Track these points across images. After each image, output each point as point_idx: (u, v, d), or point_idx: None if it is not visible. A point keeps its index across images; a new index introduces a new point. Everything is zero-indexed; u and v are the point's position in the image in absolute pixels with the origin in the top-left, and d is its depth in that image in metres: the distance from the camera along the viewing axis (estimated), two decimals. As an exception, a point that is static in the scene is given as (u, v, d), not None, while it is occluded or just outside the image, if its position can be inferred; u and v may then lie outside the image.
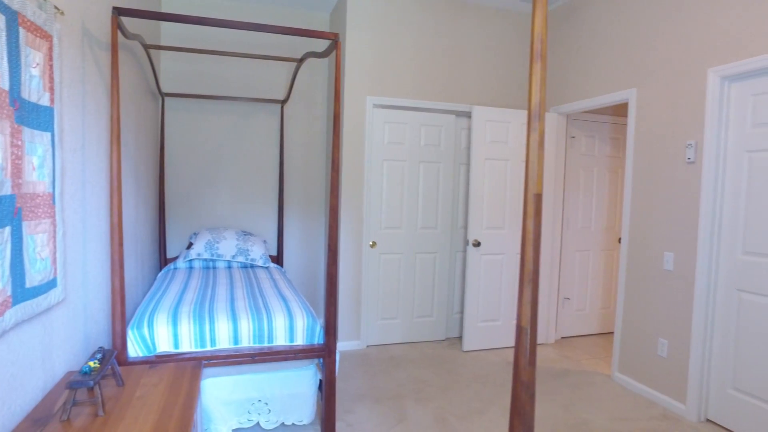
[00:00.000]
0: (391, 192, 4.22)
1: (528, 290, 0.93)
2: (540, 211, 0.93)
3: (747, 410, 2.80)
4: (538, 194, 0.92)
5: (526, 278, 0.93)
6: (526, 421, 0.97)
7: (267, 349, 2.56)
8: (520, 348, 0.95)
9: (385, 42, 4.12)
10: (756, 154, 2.78)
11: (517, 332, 0.95)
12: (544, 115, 0.92)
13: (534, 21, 0.93)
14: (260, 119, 4.54)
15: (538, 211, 0.93)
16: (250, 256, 4.05)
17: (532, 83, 0.93)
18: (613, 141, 4.68)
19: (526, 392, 0.95)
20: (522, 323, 0.94)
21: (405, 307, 4.32)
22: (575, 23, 4.11)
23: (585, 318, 4.69)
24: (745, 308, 2.82)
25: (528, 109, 0.92)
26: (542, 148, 0.92)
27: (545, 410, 3.10)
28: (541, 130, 0.92)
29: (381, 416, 2.95)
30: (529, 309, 0.93)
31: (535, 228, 0.92)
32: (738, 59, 2.80)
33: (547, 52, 4.51)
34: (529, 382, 0.96)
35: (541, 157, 0.92)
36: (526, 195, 0.93)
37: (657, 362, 3.29)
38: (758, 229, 2.77)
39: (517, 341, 0.96)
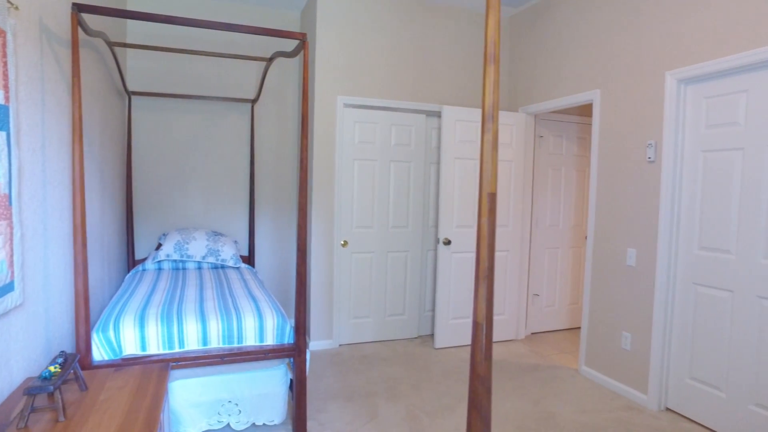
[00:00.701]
0: (362, 191, 4.24)
1: (483, 287, 0.96)
2: (494, 210, 0.96)
3: (702, 398, 2.92)
4: (492, 193, 0.95)
5: (481, 275, 0.96)
6: (483, 414, 1.00)
7: (237, 349, 2.54)
8: (476, 343, 0.98)
9: (355, 42, 4.13)
10: (710, 154, 2.90)
11: (473, 328, 0.98)
12: (498, 116, 0.95)
13: (487, 25, 0.96)
14: (231, 119, 4.50)
15: (492, 209, 0.96)
16: (220, 256, 4.01)
17: (485, 85, 0.96)
18: (580, 140, 4.79)
19: (482, 386, 0.98)
20: (477, 319, 0.97)
21: (377, 306, 4.34)
22: (542, 25, 4.20)
23: (554, 314, 4.79)
24: (701, 301, 2.94)
25: (482, 111, 0.95)
26: (496, 148, 0.95)
27: (514, 405, 3.16)
28: (495, 131, 0.95)
29: (352, 414, 2.96)
30: (484, 305, 0.96)
31: (489, 226, 0.95)
32: (693, 63, 2.91)
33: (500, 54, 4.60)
34: (485, 376, 0.99)
35: (494, 158, 0.96)
36: (481, 194, 0.96)
37: (621, 355, 3.40)
38: (712, 226, 2.88)
39: (474, 337, 0.99)
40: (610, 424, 2.93)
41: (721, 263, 2.84)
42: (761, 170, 2.64)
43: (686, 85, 3.02)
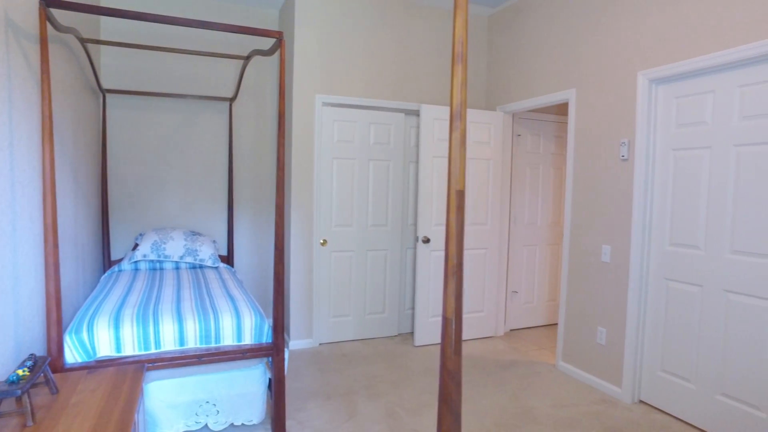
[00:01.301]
0: (341, 190, 4.24)
1: (452, 282, 0.97)
2: (462, 207, 0.98)
3: (673, 389, 3.00)
4: (460, 191, 0.97)
5: (450, 271, 0.97)
6: (453, 408, 1.01)
7: (214, 349, 2.53)
8: (446, 338, 1.00)
9: (334, 40, 4.13)
10: (680, 153, 2.98)
11: (443, 323, 1.00)
12: (466, 115, 0.96)
13: (455, 25, 0.97)
14: (208, 117, 4.45)
15: (460, 206, 0.97)
16: (198, 256, 3.97)
17: (453, 84, 0.98)
18: (558, 139, 4.86)
19: (452, 380, 1.00)
20: (447, 314, 0.99)
21: (357, 305, 4.35)
22: (520, 25, 4.25)
23: (533, 310, 4.86)
24: (672, 296, 3.02)
25: (450, 109, 0.96)
26: (464, 146, 0.97)
27: (493, 400, 3.20)
28: (463, 129, 0.97)
29: (332, 413, 2.97)
30: (453, 301, 0.98)
31: (458, 223, 0.97)
32: (663, 64, 2.98)
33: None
34: (455, 370, 1.00)
35: (462, 155, 0.97)
36: (449, 191, 0.97)
37: (596, 350, 3.47)
38: (682, 222, 2.96)
39: (443, 332, 1.00)
40: (585, 417, 2.99)
41: (690, 259, 2.91)
42: (726, 168, 2.71)
43: (657, 85, 3.09)
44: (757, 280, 2.57)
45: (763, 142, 2.55)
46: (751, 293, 2.60)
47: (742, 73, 2.64)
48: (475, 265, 4.39)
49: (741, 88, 2.64)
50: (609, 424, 2.91)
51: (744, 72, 2.62)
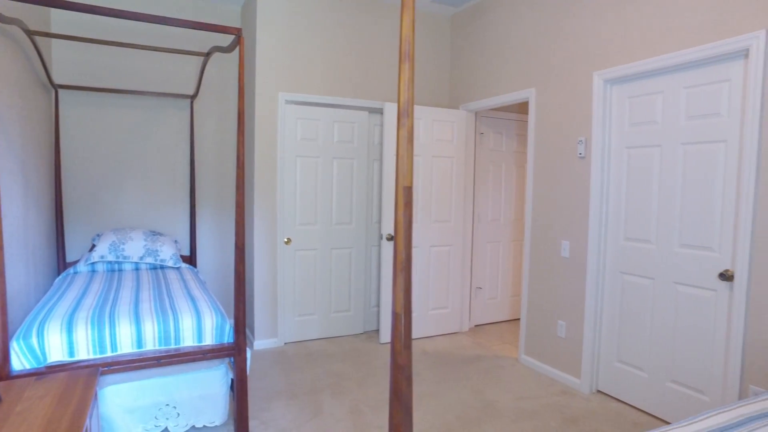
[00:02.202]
0: (305, 188, 4.22)
1: (401, 278, 0.99)
2: (410, 203, 0.99)
3: (628, 378, 3.11)
4: (408, 187, 0.98)
5: (399, 267, 0.98)
6: (404, 403, 1.02)
7: (174, 351, 2.48)
8: (395, 333, 1.01)
9: (297, 37, 4.09)
10: (633, 150, 3.08)
11: (392, 318, 1.01)
12: (413, 112, 0.98)
13: (402, 24, 0.98)
14: (169, 115, 4.35)
15: (408, 203, 0.98)
16: (159, 256, 3.88)
17: (400, 82, 0.99)
18: (520, 137, 4.96)
19: (402, 375, 1.01)
20: (396, 309, 1.00)
21: (322, 303, 4.34)
22: (482, 24, 4.31)
23: (497, 306, 4.95)
24: (627, 289, 3.13)
25: (397, 107, 0.97)
26: (411, 143, 0.98)
27: (456, 395, 3.25)
28: (410, 126, 0.98)
29: (296, 412, 2.95)
30: (402, 296, 0.99)
31: (405, 219, 0.98)
32: (617, 65, 3.08)
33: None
34: (405, 365, 1.01)
35: (410, 152, 0.98)
36: (397, 188, 0.98)
37: (557, 343, 3.56)
38: (636, 218, 3.07)
39: (393, 327, 1.01)
40: (545, 408, 3.07)
41: (643, 253, 3.03)
42: (675, 166, 2.83)
43: (612, 85, 3.19)
44: (701, 271, 2.70)
45: (706, 141, 2.67)
46: (696, 284, 2.73)
47: (687, 75, 2.75)
48: (439, 262, 4.44)
49: (687, 90, 2.76)
50: (568, 414, 3.00)
51: (689, 74, 2.74)
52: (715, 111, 2.63)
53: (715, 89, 2.63)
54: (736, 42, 2.46)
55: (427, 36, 4.65)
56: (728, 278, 2.56)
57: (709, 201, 2.67)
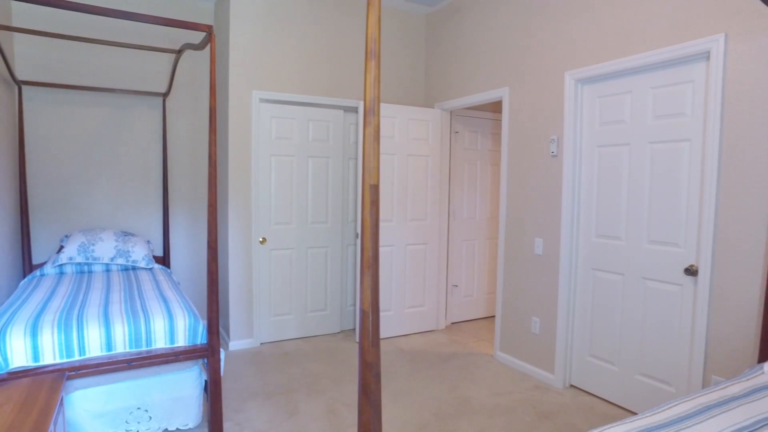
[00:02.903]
0: (280, 188, 4.19)
1: (368, 276, 0.99)
2: (377, 201, 0.99)
3: (599, 372, 3.18)
4: (375, 185, 0.98)
5: (366, 264, 0.99)
6: (373, 400, 1.03)
7: (145, 353, 2.44)
8: (363, 331, 1.01)
9: (271, 35, 4.06)
10: (603, 149, 3.15)
11: (360, 316, 1.01)
12: (379, 110, 0.98)
13: (368, 22, 0.98)
14: (140, 113, 4.26)
15: (375, 201, 0.99)
16: (131, 257, 3.80)
17: (366, 81, 0.99)
18: (494, 136, 5.01)
19: (370, 372, 1.02)
20: (364, 307, 1.00)
21: (298, 303, 4.32)
22: (456, 24, 4.34)
23: (473, 303, 4.99)
24: (599, 285, 3.19)
25: (364, 105, 0.97)
26: (377, 141, 0.99)
27: (433, 392, 3.27)
28: (376, 124, 0.98)
29: (272, 412, 2.93)
30: (370, 294, 0.99)
31: (372, 217, 0.99)
32: (588, 65, 3.14)
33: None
34: (373, 362, 1.02)
35: (376, 150, 0.99)
36: (364, 186, 0.99)
37: (531, 339, 3.61)
38: (606, 215, 3.14)
39: (361, 325, 1.01)
40: (519, 403, 3.11)
41: (614, 249, 3.09)
42: (643, 164, 2.90)
43: (583, 84, 3.25)
44: (668, 267, 2.77)
45: (671, 140, 2.74)
46: (663, 279, 2.80)
47: (653, 76, 2.82)
48: (415, 261, 4.45)
49: (653, 90, 2.83)
50: (541, 408, 3.05)
51: (655, 75, 2.81)
52: (680, 111, 2.70)
53: (679, 90, 2.70)
54: (698, 45, 2.54)
55: (402, 35, 4.66)
56: (693, 273, 2.63)
57: (675, 198, 2.74)
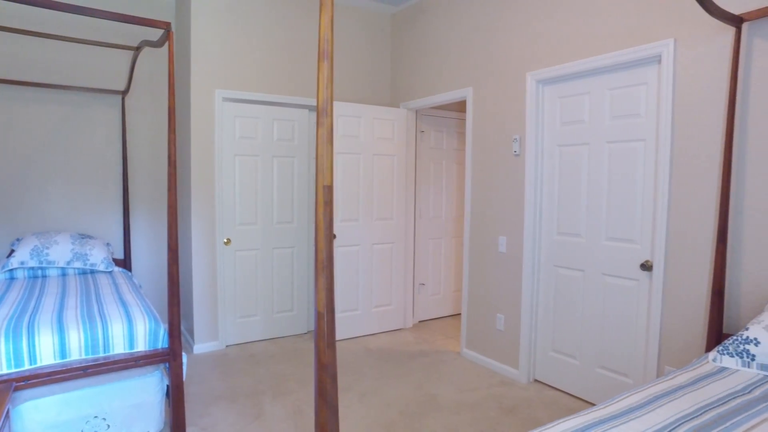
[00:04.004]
0: (245, 188, 4.13)
1: (323, 277, 0.99)
2: (331, 202, 0.99)
3: (562, 367, 3.26)
4: (328, 186, 0.98)
5: (320, 266, 0.98)
6: (329, 401, 1.03)
7: (103, 359, 2.37)
8: (319, 332, 1.01)
9: (234, 33, 3.99)
10: (564, 148, 3.23)
11: (315, 317, 1.01)
12: (332, 111, 0.98)
13: (321, 23, 0.98)
14: (99, 111, 4.12)
15: (328, 202, 0.99)
16: (89, 261, 3.68)
17: (319, 81, 0.99)
18: (460, 135, 5.07)
19: (326, 373, 1.01)
20: (319, 308, 1.00)
21: (264, 304, 4.27)
22: (422, 24, 4.37)
23: (440, 301, 5.04)
24: (560, 281, 3.27)
25: (317, 106, 0.97)
26: (331, 142, 0.98)
27: (399, 390, 3.29)
28: (329, 125, 0.98)
29: (237, 415, 2.89)
30: (324, 295, 0.99)
31: (326, 218, 0.98)
32: (549, 66, 3.21)
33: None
34: (329, 364, 1.02)
35: (330, 151, 0.98)
36: (317, 187, 0.98)
37: (496, 335, 3.67)
38: (567, 213, 3.21)
39: (316, 326, 1.01)
40: (485, 399, 3.16)
41: (574, 246, 3.17)
42: (601, 163, 2.99)
43: (544, 85, 3.32)
44: (625, 262, 2.86)
45: (627, 140, 2.84)
46: (621, 275, 2.89)
47: (610, 77, 2.91)
48: (381, 260, 4.47)
49: (610, 91, 2.92)
50: (506, 403, 3.10)
51: (612, 77, 2.90)
52: (635, 112, 2.79)
53: (634, 91, 2.79)
54: (649, 49, 2.63)
55: (368, 34, 4.66)
56: (648, 268, 2.73)
57: (632, 196, 2.83)
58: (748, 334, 1.82)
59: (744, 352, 1.78)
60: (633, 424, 1.35)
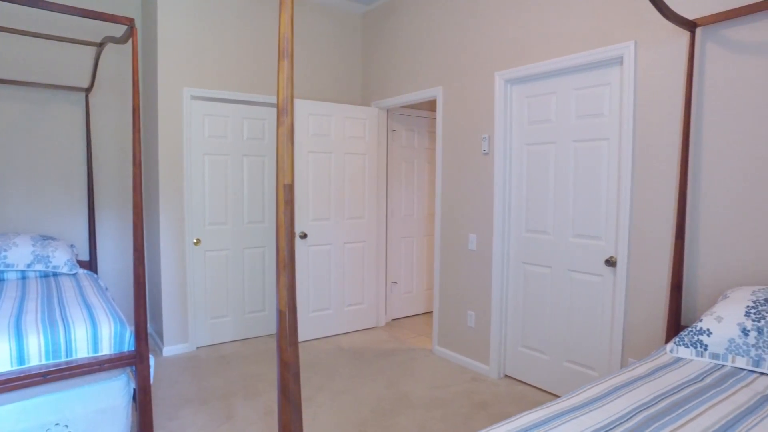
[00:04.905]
0: (215, 187, 4.08)
1: (284, 276, 0.99)
2: (292, 201, 0.99)
3: (531, 361, 3.32)
4: (289, 185, 0.98)
5: (282, 265, 0.99)
6: (292, 399, 1.03)
7: (64, 364, 2.30)
8: (281, 331, 1.01)
9: (203, 30, 3.93)
10: (532, 147, 3.29)
11: (277, 316, 1.01)
12: (293, 110, 0.98)
13: (281, 22, 0.98)
14: (62, 109, 4.00)
15: (289, 201, 0.99)
16: (51, 263, 3.57)
17: (279, 80, 0.99)
18: (431, 134, 5.11)
19: (289, 372, 1.02)
20: (281, 307, 1.00)
21: (235, 304, 4.22)
22: (393, 23, 4.39)
23: (412, 300, 5.07)
24: (529, 278, 3.34)
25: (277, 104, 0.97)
26: (291, 141, 0.98)
27: (371, 389, 3.30)
28: (289, 124, 0.98)
29: (207, 418, 2.85)
30: (286, 294, 0.99)
31: (287, 217, 0.98)
32: (517, 66, 3.27)
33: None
34: (292, 362, 1.02)
35: (290, 150, 0.98)
36: (278, 186, 0.98)
37: (467, 332, 3.72)
38: (535, 211, 3.28)
39: (279, 325, 1.01)
40: (456, 396, 3.20)
41: (542, 243, 3.24)
42: (568, 161, 3.06)
43: (512, 85, 3.37)
44: (591, 259, 2.94)
45: (592, 139, 2.91)
46: (587, 271, 2.97)
47: (576, 78, 2.98)
48: (353, 259, 4.47)
49: (576, 91, 2.99)
50: (476, 399, 3.15)
51: (577, 77, 2.97)
52: (599, 111, 2.87)
53: (598, 92, 2.87)
54: (612, 50, 2.70)
55: (339, 33, 4.65)
56: (612, 264, 2.80)
57: (596, 194, 2.91)
58: (702, 325, 1.89)
59: (698, 342, 1.86)
60: (594, 414, 1.39)
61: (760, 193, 2.19)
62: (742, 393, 1.53)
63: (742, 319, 1.80)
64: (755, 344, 1.73)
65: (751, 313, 1.80)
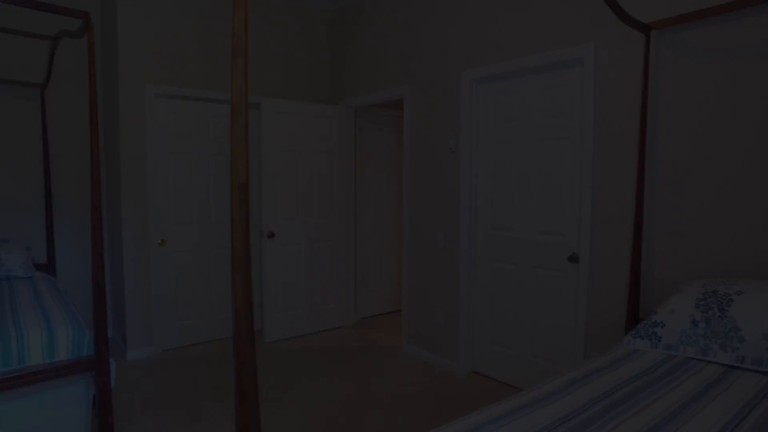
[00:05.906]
0: (180, 187, 3.99)
1: (240, 275, 0.98)
2: (247, 201, 0.99)
3: (499, 357, 3.38)
4: (243, 183, 0.97)
5: (236, 265, 0.98)
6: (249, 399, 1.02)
7: (16, 372, 2.21)
8: (238, 330, 1.00)
9: (167, 25, 3.84)
10: (497, 146, 3.33)
11: (233, 315, 1.00)
12: (248, 109, 0.97)
13: (235, 20, 0.97)
14: (13, 106, 3.84)
15: (244, 200, 0.98)
16: (4, 266, 3.43)
17: (233, 79, 0.97)
18: (399, 133, 5.13)
19: (245, 371, 1.01)
20: (237, 306, 0.99)
21: (203, 306, 4.15)
22: (360, 21, 4.38)
23: (382, 298, 5.08)
24: (495, 275, 3.39)
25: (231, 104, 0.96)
26: (246, 139, 0.98)
27: (340, 388, 3.29)
28: (244, 122, 0.97)
29: (171, 421, 2.80)
30: (242, 294, 0.99)
31: (241, 217, 0.98)
32: (482, 65, 3.31)
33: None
34: (248, 361, 1.01)
35: (245, 149, 0.98)
36: (233, 185, 0.97)
37: (436, 330, 3.75)
38: (501, 208, 3.33)
39: (235, 324, 1.00)
40: (424, 393, 3.23)
41: (508, 240, 3.29)
42: (530, 160, 3.12)
43: (478, 84, 3.41)
44: (555, 255, 3.00)
45: (555, 138, 2.97)
46: (551, 267, 3.03)
47: (539, 78, 3.04)
48: (322, 258, 4.45)
49: (539, 91, 3.05)
50: (444, 395, 3.18)
51: (541, 77, 3.03)
52: (561, 111, 2.93)
53: (560, 92, 2.93)
54: (572, 52, 2.77)
55: (305, 32, 4.62)
56: (575, 260, 2.87)
57: (559, 191, 2.97)
58: (656, 318, 1.96)
59: (652, 334, 1.92)
60: (553, 407, 1.42)
61: (712, 191, 2.29)
62: (690, 381, 1.59)
63: (693, 310, 1.87)
64: (704, 334, 1.80)
65: (700, 305, 1.87)
